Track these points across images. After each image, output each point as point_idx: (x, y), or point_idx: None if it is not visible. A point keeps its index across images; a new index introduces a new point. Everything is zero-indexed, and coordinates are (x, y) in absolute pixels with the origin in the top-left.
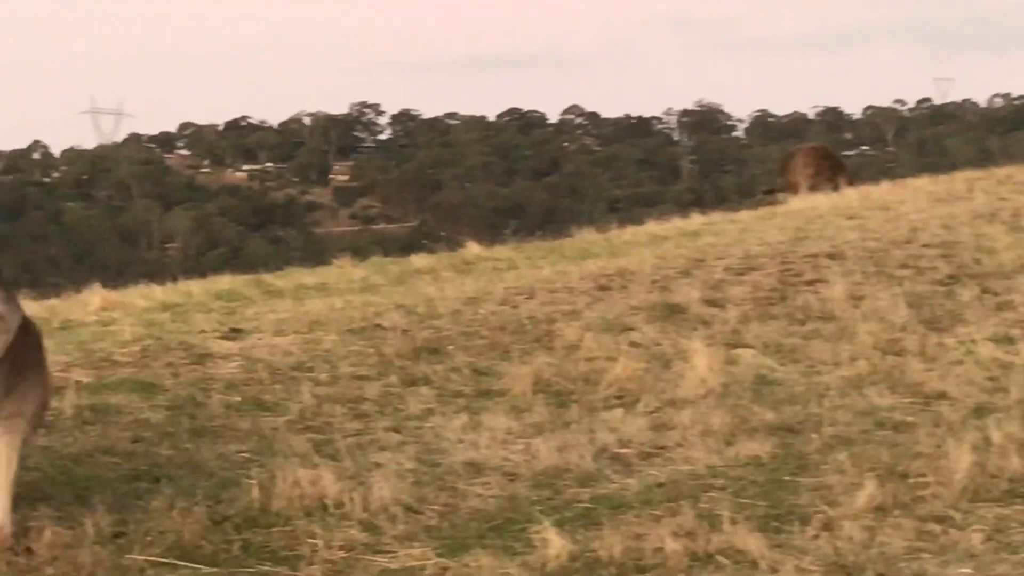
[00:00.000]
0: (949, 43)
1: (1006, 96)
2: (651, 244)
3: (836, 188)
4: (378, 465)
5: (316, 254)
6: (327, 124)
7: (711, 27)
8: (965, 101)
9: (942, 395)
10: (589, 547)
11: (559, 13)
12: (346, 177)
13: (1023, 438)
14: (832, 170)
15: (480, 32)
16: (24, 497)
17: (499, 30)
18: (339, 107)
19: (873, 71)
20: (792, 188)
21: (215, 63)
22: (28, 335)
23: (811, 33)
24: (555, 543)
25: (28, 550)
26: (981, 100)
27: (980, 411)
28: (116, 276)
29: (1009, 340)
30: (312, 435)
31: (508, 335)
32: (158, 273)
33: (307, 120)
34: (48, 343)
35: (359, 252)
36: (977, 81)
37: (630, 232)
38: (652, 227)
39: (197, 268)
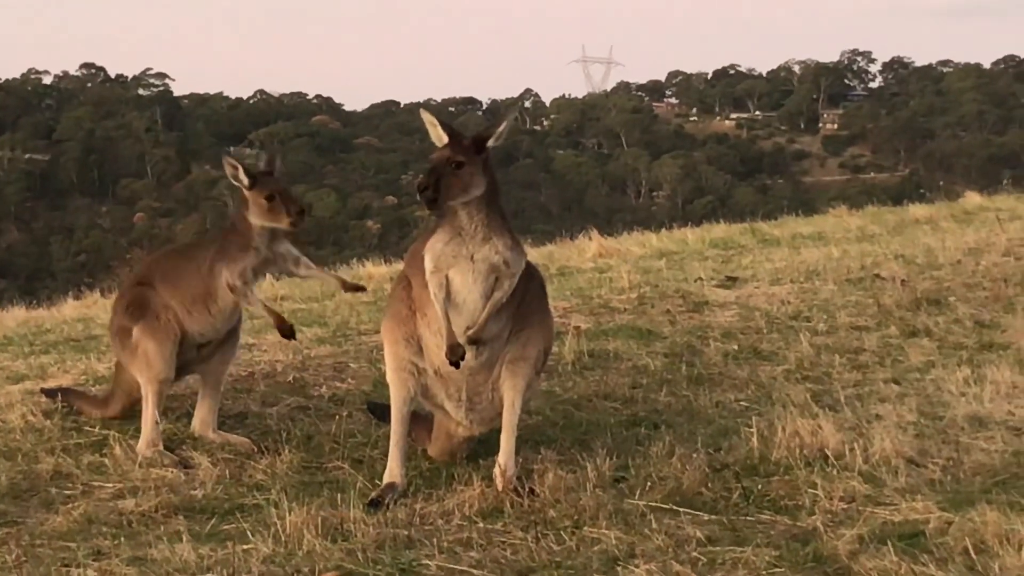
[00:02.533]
0: None
1: None
2: None
3: None
4: (878, 417)
5: (804, 203)
6: (817, 72)
7: None
8: None
9: None
10: None
11: None
12: (835, 126)
13: None
14: None
15: None
16: (527, 440)
17: None
18: (830, 55)
19: None
20: None
21: (704, 11)
22: (531, 281)
23: None
24: None
25: (531, 492)
26: None
27: None
28: (604, 223)
29: None
30: (810, 385)
31: (1012, 287)
32: (645, 221)
33: (796, 68)
34: (548, 288)
35: (848, 201)
36: None
37: None
38: None
39: (684, 216)
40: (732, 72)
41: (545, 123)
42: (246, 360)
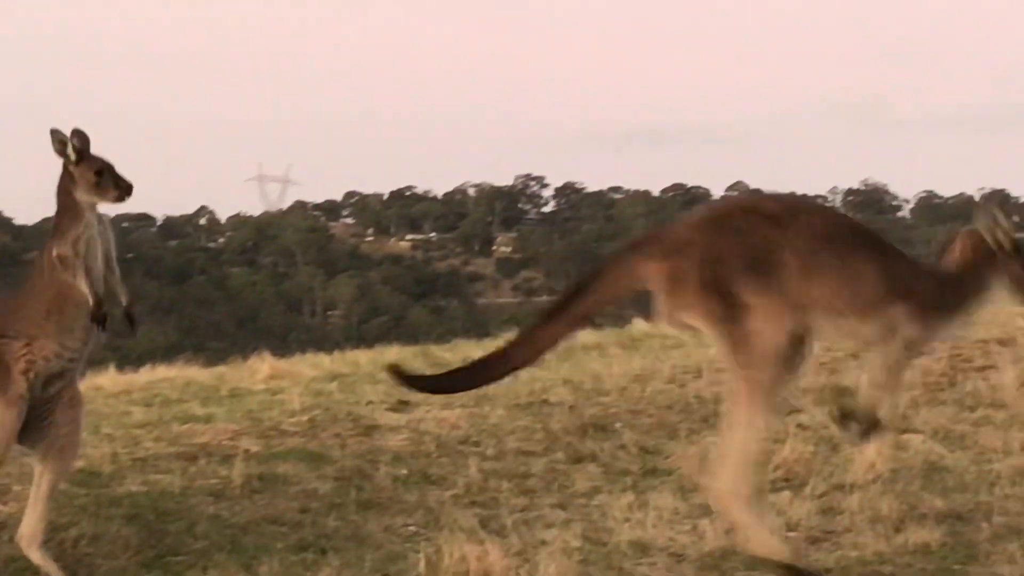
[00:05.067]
0: None
1: None
2: None
3: None
4: (544, 542)
5: (478, 325)
6: (492, 195)
7: (868, 106)
8: None
9: None
10: None
11: (718, 88)
12: (509, 248)
13: None
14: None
15: (644, 105)
16: (192, 566)
17: (663, 104)
18: (504, 178)
19: None
20: None
21: (381, 133)
22: None
23: (973, 112)
24: None
25: None
26: None
27: None
28: (279, 342)
29: None
30: (478, 510)
31: (675, 414)
32: (321, 340)
33: (472, 191)
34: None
35: (522, 324)
36: None
37: None
38: None
39: (359, 336)
40: (408, 193)
41: (220, 240)
42: None
